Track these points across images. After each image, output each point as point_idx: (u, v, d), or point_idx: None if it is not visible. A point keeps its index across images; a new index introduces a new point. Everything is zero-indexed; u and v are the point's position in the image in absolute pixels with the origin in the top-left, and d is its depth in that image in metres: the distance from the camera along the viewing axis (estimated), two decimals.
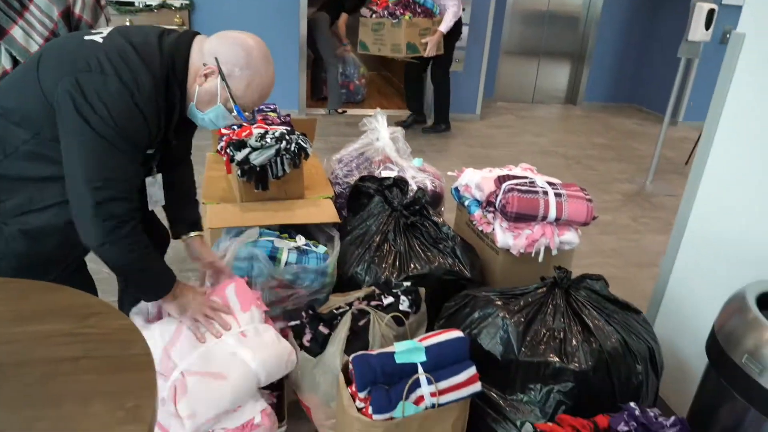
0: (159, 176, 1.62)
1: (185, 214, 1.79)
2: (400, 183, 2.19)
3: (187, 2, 4.89)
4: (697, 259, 1.83)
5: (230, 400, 1.44)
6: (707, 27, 3.85)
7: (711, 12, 3.80)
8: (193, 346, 1.53)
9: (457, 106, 5.85)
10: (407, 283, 1.74)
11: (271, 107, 2.60)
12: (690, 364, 1.82)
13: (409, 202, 2.11)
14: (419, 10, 4.59)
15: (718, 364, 1.31)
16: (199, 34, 1.47)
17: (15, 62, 1.83)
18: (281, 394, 1.70)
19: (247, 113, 1.53)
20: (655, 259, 3.13)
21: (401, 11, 4.52)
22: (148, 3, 4.73)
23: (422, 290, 1.76)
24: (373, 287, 1.76)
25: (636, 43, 6.91)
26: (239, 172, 2.23)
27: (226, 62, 1.38)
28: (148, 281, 1.50)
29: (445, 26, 4.61)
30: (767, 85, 1.56)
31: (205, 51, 1.40)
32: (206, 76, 1.40)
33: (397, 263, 2.00)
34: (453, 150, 4.90)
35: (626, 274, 3.00)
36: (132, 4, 4.70)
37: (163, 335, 1.51)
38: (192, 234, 1.76)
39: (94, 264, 1.67)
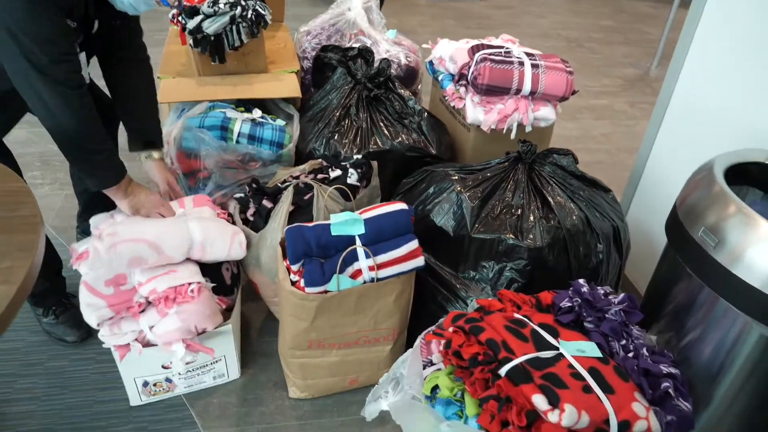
0: (82, 55, 1.46)
1: (138, 129, 1.62)
2: (366, 53, 2.01)
3: None
4: (678, 133, 1.69)
5: (153, 234, 1.36)
6: None
7: None
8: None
9: None
10: (358, 156, 1.62)
11: None
12: (655, 242, 1.73)
13: (373, 74, 1.94)
14: None
15: (674, 239, 1.20)
16: None
17: None
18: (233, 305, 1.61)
19: None
20: None
21: None
22: None
23: (374, 163, 1.64)
24: (320, 160, 1.64)
25: None
26: (192, 41, 2.05)
27: None
28: (98, 163, 1.40)
29: None
30: None
31: None
32: None
33: (358, 139, 1.87)
34: (447, 32, 4.59)
35: (615, 160, 2.85)
36: None
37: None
38: (145, 154, 1.61)
39: None
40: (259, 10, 2.09)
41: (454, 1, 5.41)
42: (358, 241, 1.25)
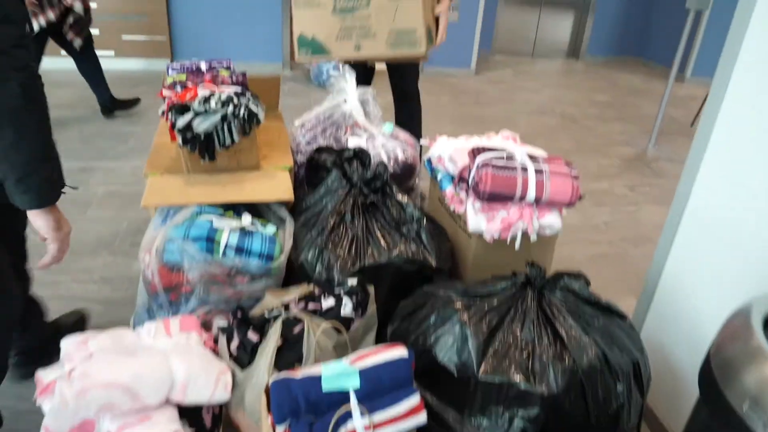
0: None
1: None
2: (361, 155, 1.92)
3: None
4: (698, 243, 1.57)
5: (129, 377, 1.22)
6: None
7: None
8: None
9: (450, 60, 5.50)
10: (353, 281, 1.50)
11: (224, 64, 2.30)
12: (684, 374, 1.60)
13: (369, 178, 1.84)
14: None
15: (710, 400, 1.07)
16: None
17: None
18: None
19: None
20: (652, 234, 2.89)
21: None
22: None
23: (371, 289, 1.52)
24: (313, 284, 1.52)
25: None
26: (181, 140, 1.97)
27: None
28: (50, 170, 1.23)
29: None
30: None
31: None
32: None
33: (353, 249, 1.76)
34: (442, 109, 4.59)
35: (619, 251, 2.75)
36: None
37: None
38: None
39: None
40: (252, 108, 2.01)
41: (448, 76, 5.45)
42: (353, 398, 1.11)
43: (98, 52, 3.79)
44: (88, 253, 2.47)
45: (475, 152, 1.93)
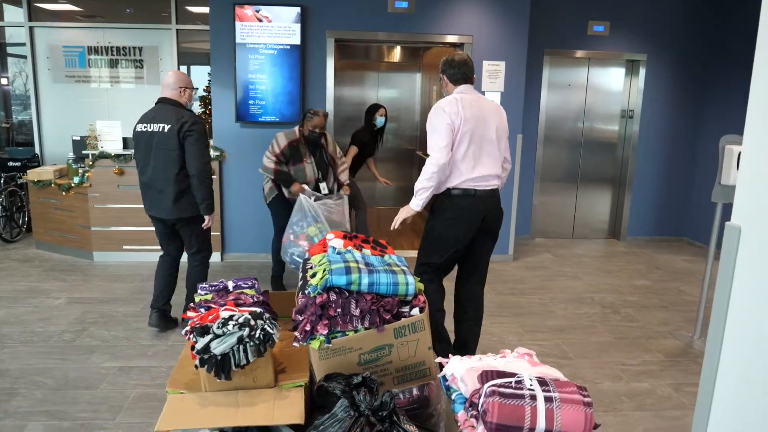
0: None
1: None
2: (370, 382, 1.95)
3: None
4: None
5: None
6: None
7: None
8: None
9: None
10: None
11: (249, 283, 2.46)
12: None
13: (377, 406, 1.85)
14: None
15: None
16: None
17: None
18: None
19: None
20: None
21: None
22: None
23: None
24: None
25: (678, 170, 6.63)
26: (198, 361, 2.07)
27: None
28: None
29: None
30: None
31: None
32: None
33: None
34: None
35: None
36: None
37: None
38: None
39: None
40: (268, 329, 2.12)
41: None
42: None
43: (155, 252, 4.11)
44: None
45: (484, 376, 1.93)
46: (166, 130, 3.50)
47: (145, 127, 3.59)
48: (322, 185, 4.36)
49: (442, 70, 3.11)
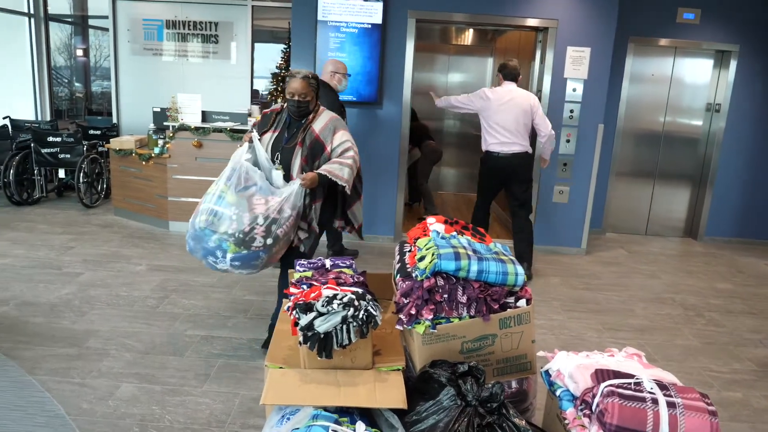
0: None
1: None
2: (476, 372, 1.90)
3: None
4: None
5: None
6: None
7: None
8: None
9: (560, 239, 5.51)
10: None
11: (347, 262, 2.44)
12: None
13: (486, 397, 1.80)
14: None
15: None
16: None
17: None
18: None
19: None
20: None
21: None
22: None
23: None
24: None
25: (765, 170, 6.27)
26: (302, 338, 2.06)
27: None
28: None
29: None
30: None
31: None
32: None
33: None
34: (553, 292, 4.51)
35: None
36: None
37: None
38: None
39: None
40: (371, 310, 2.09)
41: (559, 254, 5.42)
42: None
43: None
44: (201, 431, 2.53)
45: (599, 375, 1.85)
46: None
47: None
48: (276, 173, 3.01)
49: (499, 69, 4.77)
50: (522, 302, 2.13)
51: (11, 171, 5.98)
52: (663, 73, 6.30)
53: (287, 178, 3.04)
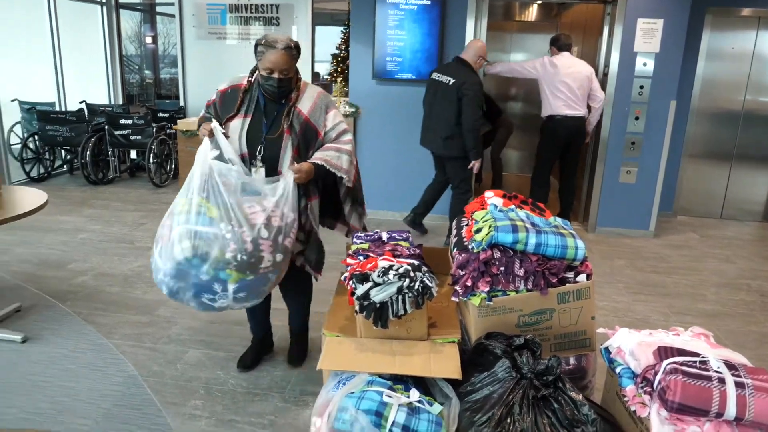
0: None
1: None
2: (532, 345, 1.87)
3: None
4: None
5: None
6: None
7: None
8: None
9: (626, 220, 5.31)
10: None
11: (403, 236, 2.45)
12: None
13: (541, 370, 1.78)
14: None
15: None
16: None
17: None
18: None
19: None
20: None
21: None
22: None
23: None
24: None
25: None
26: (358, 307, 2.09)
27: None
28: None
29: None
30: None
31: None
32: None
33: None
34: (618, 273, 4.36)
35: None
36: None
37: None
38: None
39: None
40: (427, 282, 2.10)
41: (623, 237, 5.23)
42: None
43: None
44: (262, 395, 2.63)
45: (662, 353, 1.79)
46: (450, 84, 4.36)
47: (438, 76, 4.48)
48: (256, 171, 2.43)
49: (552, 42, 5.20)
50: (582, 277, 2.08)
51: (88, 152, 6.33)
52: (744, 46, 5.90)
53: (270, 174, 2.43)
